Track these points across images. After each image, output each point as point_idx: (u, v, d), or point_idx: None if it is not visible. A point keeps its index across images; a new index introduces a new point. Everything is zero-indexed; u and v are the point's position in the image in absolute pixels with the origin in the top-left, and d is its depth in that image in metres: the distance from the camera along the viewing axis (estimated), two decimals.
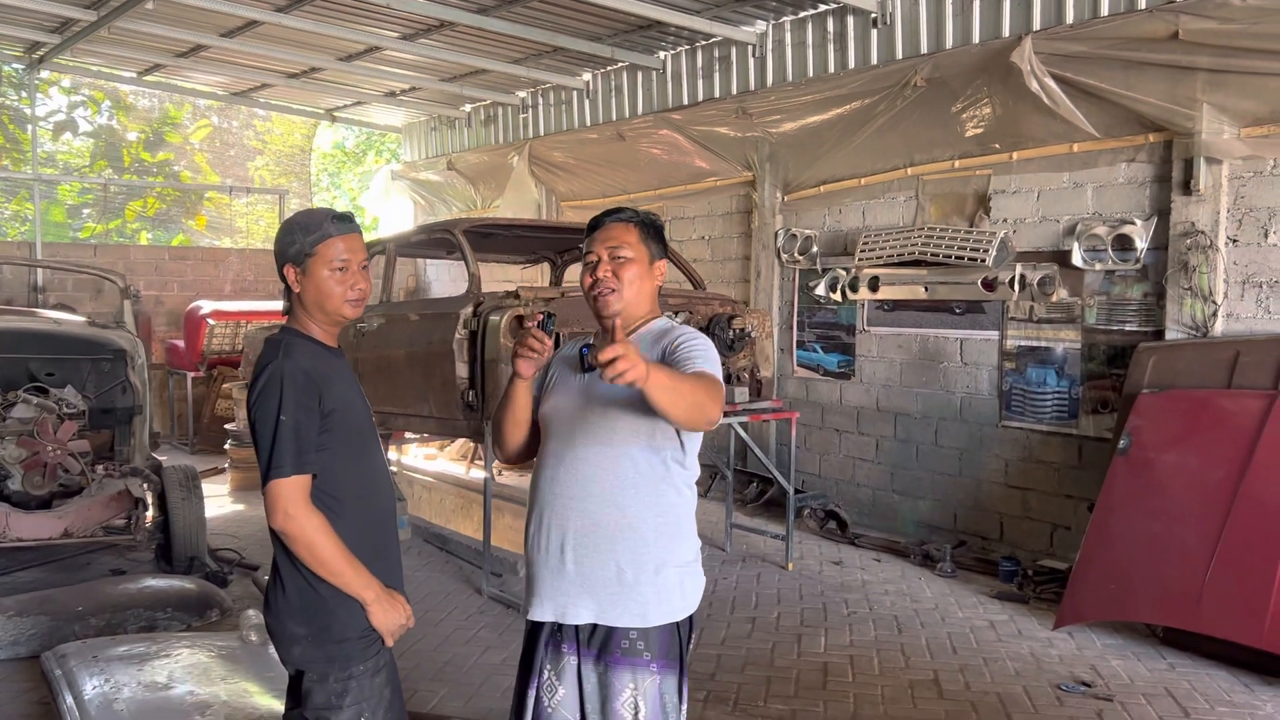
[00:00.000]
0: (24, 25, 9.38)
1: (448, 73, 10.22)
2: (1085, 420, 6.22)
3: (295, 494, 2.28)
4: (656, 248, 2.52)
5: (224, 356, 10.64)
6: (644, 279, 2.48)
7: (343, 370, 2.50)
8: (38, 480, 5.77)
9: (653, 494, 2.40)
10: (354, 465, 2.42)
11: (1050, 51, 5.95)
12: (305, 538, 2.29)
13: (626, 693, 2.35)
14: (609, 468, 2.39)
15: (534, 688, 2.46)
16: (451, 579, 6.22)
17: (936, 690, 4.51)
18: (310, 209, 2.52)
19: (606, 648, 2.38)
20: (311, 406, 2.32)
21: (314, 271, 2.40)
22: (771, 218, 8.12)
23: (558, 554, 2.41)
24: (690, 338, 2.42)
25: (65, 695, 3.78)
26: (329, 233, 2.40)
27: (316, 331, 2.46)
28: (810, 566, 6.52)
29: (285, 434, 2.28)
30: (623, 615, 2.37)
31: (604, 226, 2.50)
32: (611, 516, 2.38)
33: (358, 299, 2.45)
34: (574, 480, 2.41)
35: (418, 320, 6.39)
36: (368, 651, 2.40)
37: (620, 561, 2.37)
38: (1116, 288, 6.07)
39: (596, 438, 2.40)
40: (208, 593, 5.42)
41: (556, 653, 2.45)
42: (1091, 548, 5.13)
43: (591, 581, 2.38)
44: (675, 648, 2.41)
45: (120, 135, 20.07)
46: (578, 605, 2.39)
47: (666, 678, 2.38)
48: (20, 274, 11.08)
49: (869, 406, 7.55)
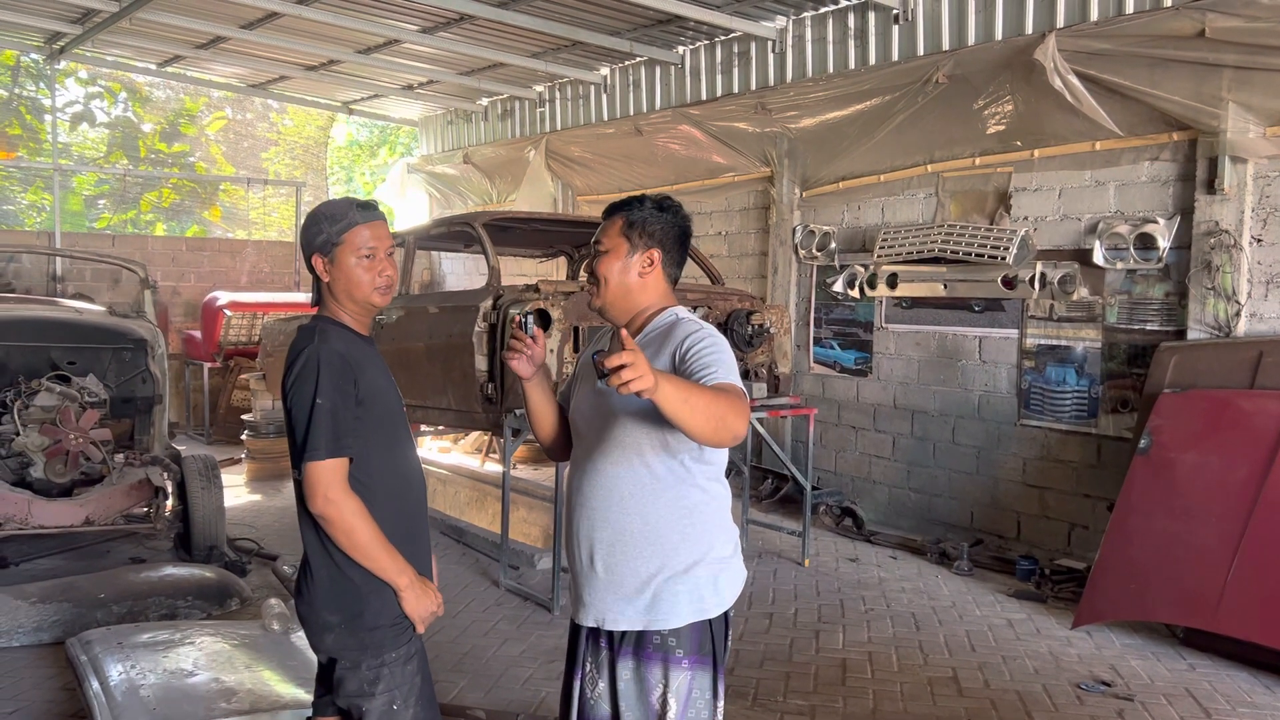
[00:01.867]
0: (46, 15, 9.42)
1: (465, 66, 10.23)
2: (1105, 419, 6.20)
3: (334, 477, 2.29)
4: (643, 238, 2.43)
5: (240, 347, 10.68)
6: (625, 271, 2.43)
7: (375, 358, 2.52)
8: (60, 468, 5.81)
9: (675, 499, 2.38)
10: (386, 453, 2.44)
11: (1074, 49, 5.92)
12: (344, 522, 2.30)
13: (658, 690, 2.36)
14: (628, 477, 2.37)
15: (578, 679, 2.48)
16: (469, 571, 6.23)
17: (956, 687, 4.51)
18: (334, 199, 2.53)
19: (639, 645, 2.38)
20: (347, 390, 2.34)
21: (342, 260, 2.42)
22: (790, 214, 8.10)
23: (590, 562, 2.42)
24: (701, 341, 2.32)
25: (91, 681, 3.81)
26: (355, 220, 2.42)
27: (348, 320, 2.48)
28: (827, 563, 6.52)
29: (321, 417, 2.29)
30: (653, 619, 2.36)
31: (603, 220, 2.51)
32: (635, 525, 2.37)
33: (386, 286, 2.47)
34: (596, 490, 2.42)
35: (437, 313, 6.41)
36: (399, 639, 2.41)
37: (649, 568, 2.36)
38: (1138, 287, 6.05)
39: (614, 447, 2.39)
40: (227, 581, 5.45)
41: (596, 647, 2.46)
42: (1111, 547, 5.12)
43: (623, 589, 2.38)
44: (708, 644, 2.40)
45: (136, 126, 20.14)
46: (614, 612, 2.39)
47: (699, 674, 2.38)
48: (39, 263, 11.14)
49: (886, 404, 7.54)
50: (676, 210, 2.50)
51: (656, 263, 2.45)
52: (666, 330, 2.42)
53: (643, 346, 2.39)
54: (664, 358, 2.34)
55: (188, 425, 11.49)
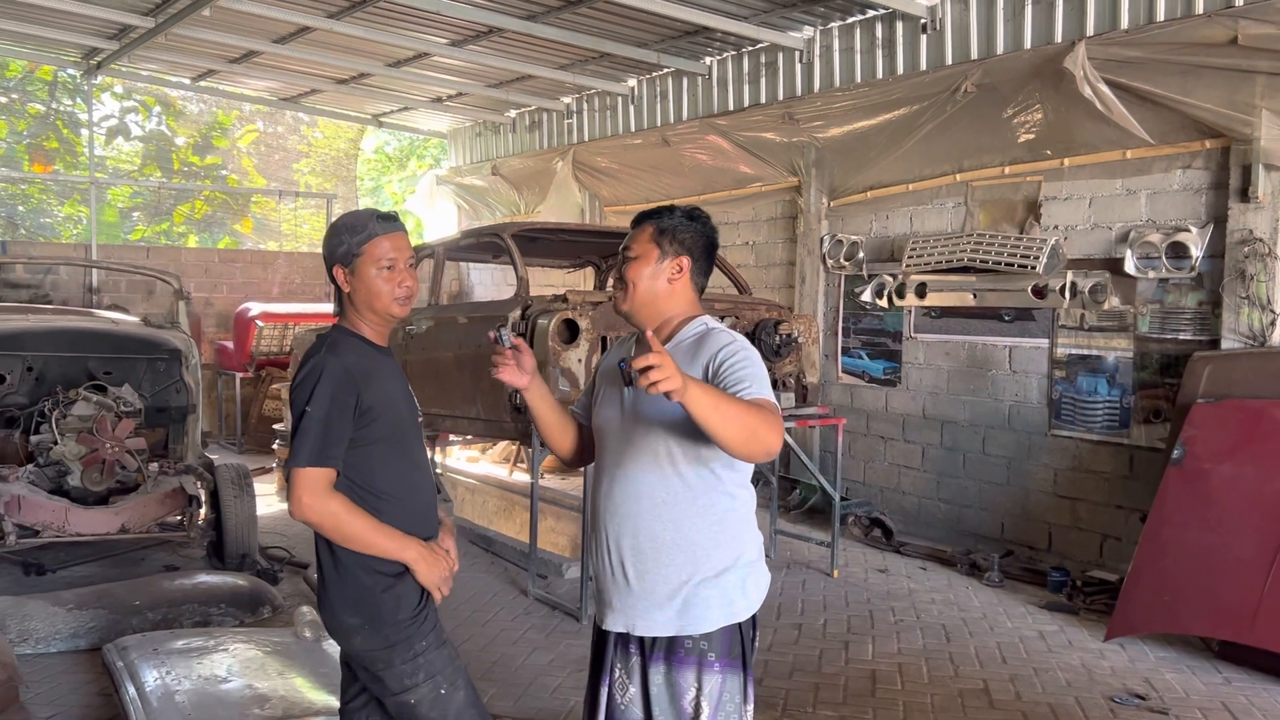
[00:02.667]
0: (84, 32, 9.60)
1: (494, 78, 10.31)
2: (1137, 430, 6.15)
3: (310, 483, 2.30)
4: (673, 246, 2.45)
5: (272, 357, 10.80)
6: (655, 277, 2.44)
7: (388, 368, 2.53)
8: (96, 476, 5.89)
9: (705, 506, 2.39)
10: (392, 462, 2.45)
11: (1104, 57, 5.89)
12: (327, 522, 2.33)
13: (691, 693, 2.37)
14: (658, 484, 2.38)
15: (606, 685, 2.49)
16: (497, 580, 6.26)
17: (987, 700, 4.48)
18: (355, 210, 2.55)
19: (671, 649, 2.39)
20: (346, 402, 2.35)
21: (362, 271, 2.44)
22: (817, 223, 8.10)
23: (620, 569, 2.43)
24: (735, 355, 2.34)
25: (128, 686, 3.86)
26: (374, 232, 2.44)
27: (366, 330, 2.50)
28: (856, 574, 6.49)
29: (308, 426, 2.32)
30: (685, 624, 2.37)
31: (632, 228, 2.53)
32: (666, 533, 2.38)
33: (405, 297, 2.48)
34: (626, 498, 2.42)
35: (466, 323, 6.45)
36: (424, 627, 2.44)
37: (680, 575, 2.37)
38: (1170, 296, 5.99)
39: (644, 455, 2.39)
40: (260, 589, 5.50)
41: (625, 653, 2.47)
42: (1144, 559, 5.07)
43: (654, 595, 2.38)
44: (738, 647, 2.42)
45: (170, 140, 20.43)
46: (645, 619, 2.40)
47: (730, 677, 2.39)
48: (75, 275, 11.32)
49: (915, 414, 7.51)
50: (706, 221, 2.53)
51: (685, 270, 2.47)
52: (698, 340, 2.43)
53: (672, 354, 2.38)
54: (696, 368, 2.35)
55: (220, 434, 11.61)
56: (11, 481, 5.65)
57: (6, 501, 5.51)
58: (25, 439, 6.08)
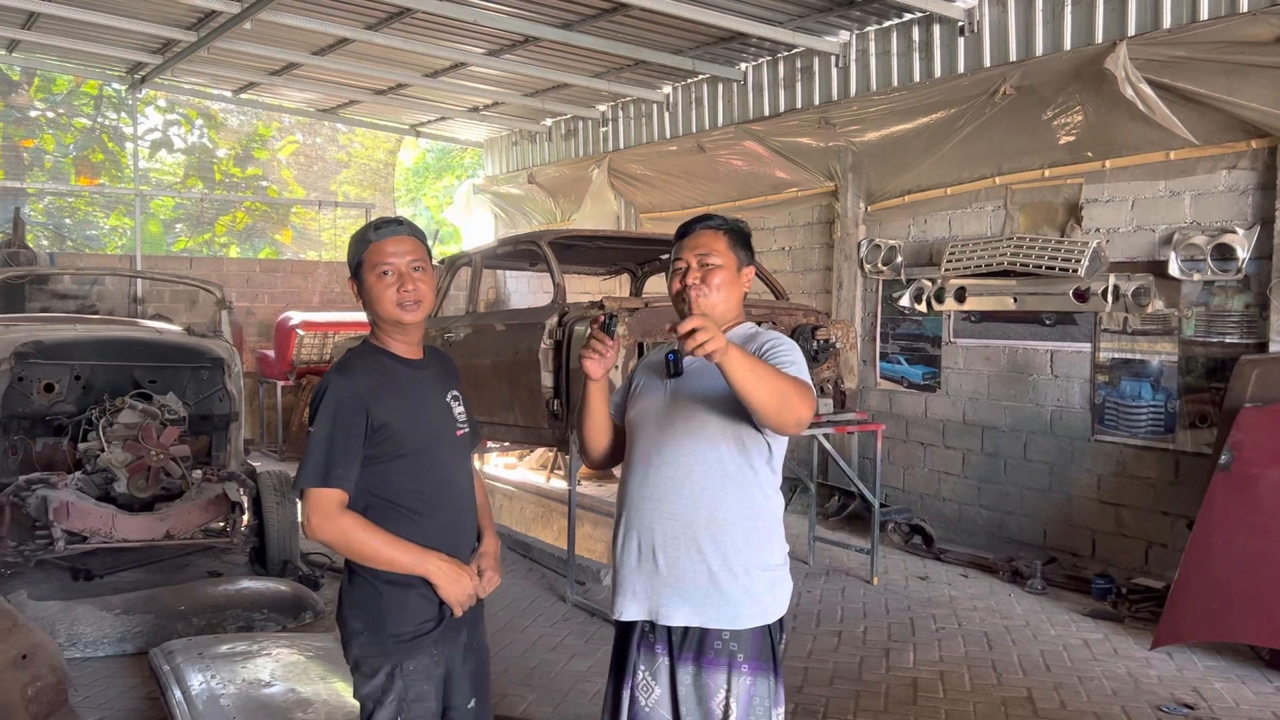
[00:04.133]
0: (128, 46, 9.79)
1: (530, 87, 10.37)
2: (1183, 435, 6.05)
3: (318, 505, 2.29)
4: (744, 254, 2.54)
5: (313, 366, 10.91)
6: (732, 285, 2.50)
7: (414, 381, 2.46)
8: (142, 483, 5.98)
9: (742, 496, 2.41)
10: (412, 475, 2.40)
11: (1146, 57, 5.81)
12: (339, 541, 2.31)
13: (720, 694, 2.37)
14: (698, 469, 2.40)
15: (629, 687, 2.47)
16: (535, 586, 6.28)
17: (1031, 708, 4.42)
18: (368, 221, 2.54)
19: (701, 649, 2.39)
20: (355, 422, 2.32)
21: (365, 279, 2.41)
22: (854, 228, 8.06)
23: (650, 556, 2.43)
24: (777, 343, 2.43)
25: (174, 690, 3.91)
26: (369, 239, 2.41)
27: (392, 343, 2.46)
28: (895, 581, 6.44)
29: (311, 447, 2.31)
30: (716, 617, 2.38)
31: (693, 234, 2.53)
32: (702, 517, 2.39)
33: (411, 301, 2.39)
34: (663, 482, 2.43)
35: (504, 330, 6.49)
36: (416, 651, 2.39)
37: (711, 563, 2.38)
38: (1216, 299, 5.90)
39: (685, 439, 2.41)
40: (301, 595, 5.56)
41: (650, 653, 2.46)
42: (1191, 566, 4.98)
43: (684, 583, 2.39)
44: (768, 649, 2.42)
45: (211, 152, 20.76)
46: (670, 606, 2.40)
47: (759, 679, 2.39)
48: (120, 285, 11.53)
49: (955, 419, 7.44)
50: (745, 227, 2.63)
51: (751, 279, 2.59)
52: (745, 339, 2.49)
53: None
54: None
55: (261, 442, 11.75)
56: (60, 488, 5.76)
57: (56, 508, 5.61)
58: (73, 447, 6.19)
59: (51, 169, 18.84)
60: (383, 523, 2.37)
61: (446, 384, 2.57)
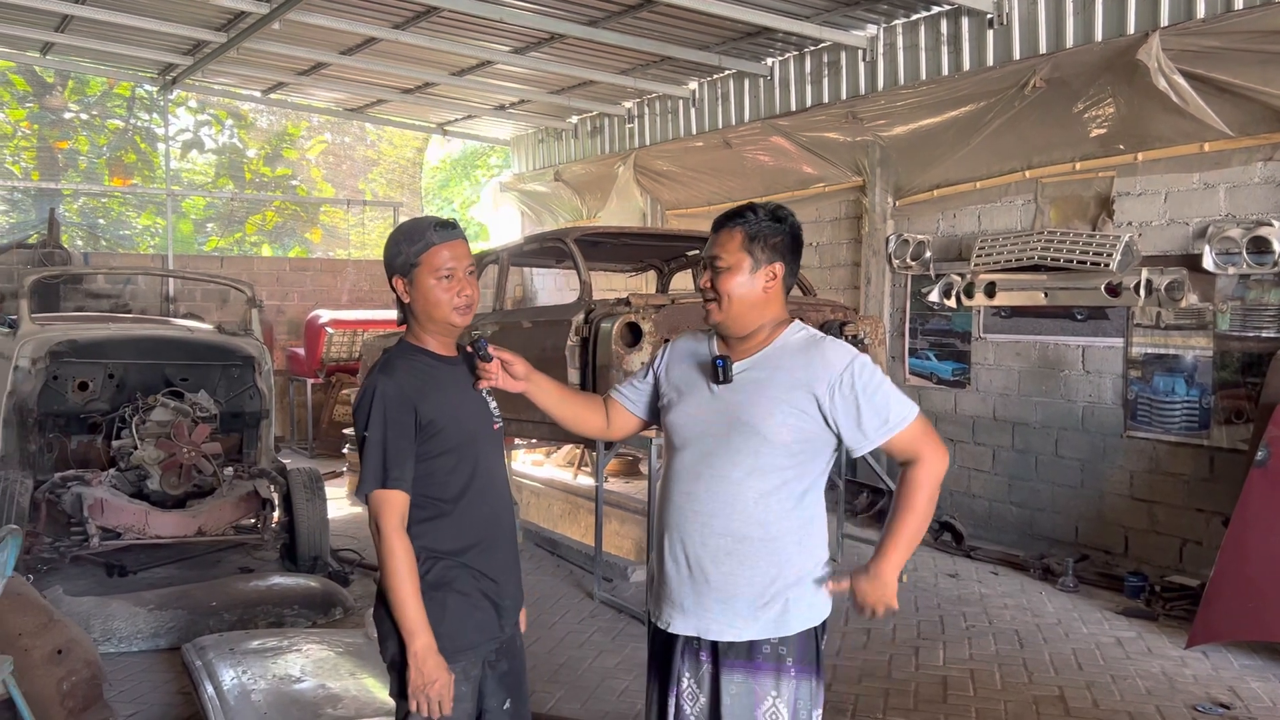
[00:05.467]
0: (159, 48, 9.89)
1: (556, 85, 10.38)
2: (1217, 431, 5.96)
3: (383, 509, 2.31)
4: (765, 252, 2.38)
5: (342, 364, 10.99)
6: (750, 287, 2.38)
7: (454, 378, 2.48)
8: (174, 480, 6.05)
9: (796, 506, 2.37)
10: (457, 472, 2.42)
11: (1180, 48, 5.73)
12: (384, 555, 2.32)
13: (768, 701, 2.33)
14: (754, 485, 2.34)
15: (674, 695, 2.44)
16: (563, 583, 6.29)
17: (1063, 707, 4.37)
18: (414, 219, 2.50)
19: (750, 655, 2.35)
20: (405, 422, 2.33)
21: (420, 281, 2.39)
22: (882, 223, 8.00)
23: (699, 569, 2.38)
24: (859, 378, 2.32)
25: (206, 685, 3.95)
26: (431, 241, 2.39)
27: (430, 342, 2.46)
28: (925, 579, 6.39)
29: (369, 451, 2.32)
30: (767, 627, 2.34)
31: (715, 232, 2.44)
32: (756, 533, 2.35)
33: (465, 306, 2.42)
34: (714, 498, 2.37)
35: (531, 327, 6.50)
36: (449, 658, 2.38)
37: (764, 576, 2.35)
38: (1252, 292, 5.80)
39: (740, 454, 2.35)
40: (331, 591, 5.60)
41: (695, 661, 2.42)
42: (1227, 564, 4.90)
43: (735, 598, 2.35)
44: (812, 651, 2.39)
45: (241, 152, 20.93)
46: (721, 624, 2.36)
47: (803, 682, 2.37)
48: (153, 284, 11.65)
49: (985, 416, 7.38)
50: (791, 219, 2.45)
51: (779, 277, 2.42)
52: (804, 346, 2.41)
53: (774, 360, 2.39)
54: (812, 375, 2.34)
55: (292, 439, 11.85)
56: (95, 485, 5.84)
57: (90, 505, 5.69)
58: (107, 444, 6.27)
59: (85, 170, 19.06)
60: (427, 518, 2.38)
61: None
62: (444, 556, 2.41)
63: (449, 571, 2.41)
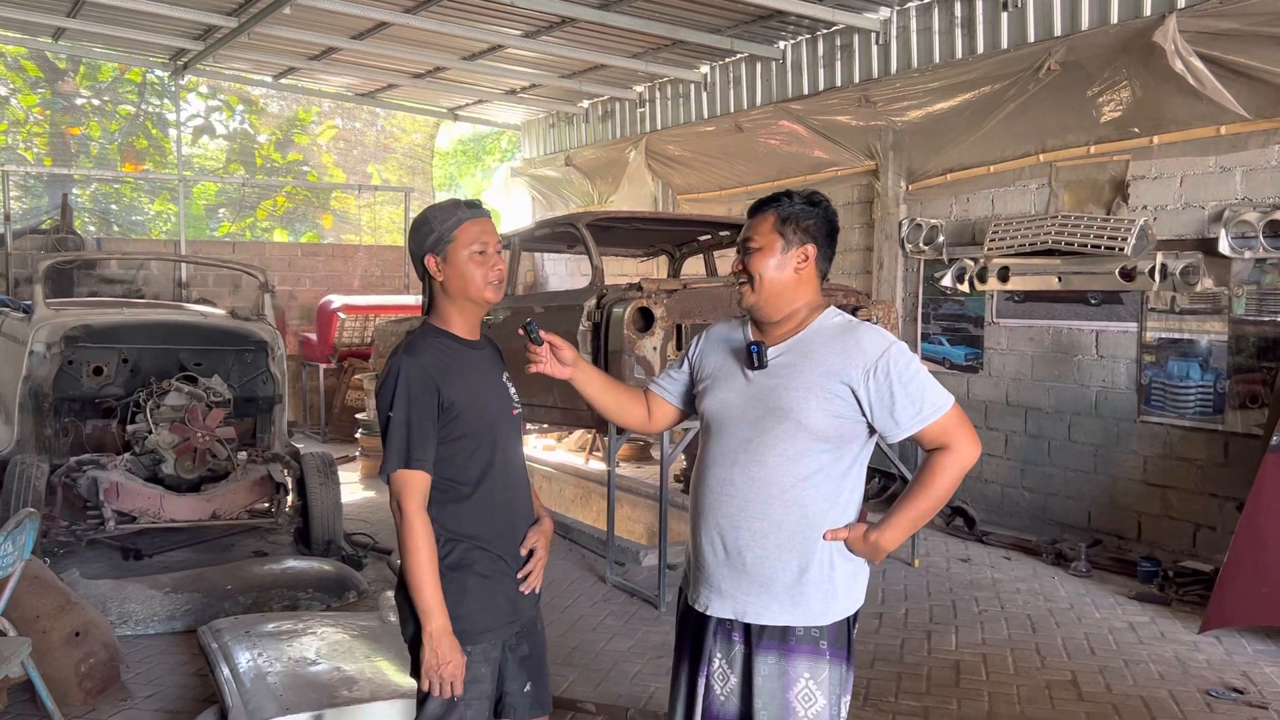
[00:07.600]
0: (171, 33, 9.89)
1: (567, 69, 10.35)
2: (1232, 415, 5.93)
3: (406, 489, 2.34)
4: (797, 234, 2.40)
5: (354, 349, 11.02)
6: (781, 268, 2.39)
7: (475, 362, 2.50)
8: (188, 465, 6.08)
9: (833, 492, 2.37)
10: (476, 455, 2.44)
11: (1196, 30, 5.68)
12: (405, 535, 2.35)
13: (801, 683, 2.33)
14: (790, 470, 2.34)
15: (704, 675, 2.43)
16: (575, 566, 6.31)
17: (1075, 691, 4.38)
18: (440, 202, 2.55)
19: (784, 638, 2.35)
20: (428, 402, 2.35)
21: (454, 257, 2.42)
22: (895, 207, 7.97)
23: (737, 555, 2.38)
24: (894, 367, 2.31)
25: (222, 667, 3.98)
26: (463, 217, 2.44)
27: (457, 324, 2.48)
28: (937, 563, 6.39)
29: (394, 430, 2.34)
30: (804, 614, 2.35)
31: (750, 217, 2.47)
32: (792, 518, 2.35)
33: (497, 281, 2.46)
34: (752, 483, 2.37)
35: (542, 312, 6.50)
36: (470, 639, 2.41)
37: (801, 562, 2.35)
38: (1268, 276, 5.77)
39: (777, 439, 2.35)
40: (345, 575, 5.63)
41: (728, 641, 2.42)
42: (1241, 549, 4.89)
43: (773, 583, 2.35)
44: (844, 636, 2.39)
45: (252, 138, 20.95)
46: (758, 606, 2.36)
47: (836, 666, 2.37)
48: (165, 270, 11.69)
49: (998, 400, 7.36)
50: (826, 205, 2.46)
51: (811, 259, 2.42)
52: (840, 332, 2.40)
53: (809, 345, 2.39)
54: (847, 361, 2.33)
55: (305, 424, 11.90)
56: (110, 469, 5.87)
57: (106, 489, 5.73)
58: (122, 429, 6.31)
59: (97, 155, 19.11)
60: (447, 501, 2.41)
61: (500, 365, 2.61)
62: (464, 539, 2.43)
63: (469, 554, 2.42)
